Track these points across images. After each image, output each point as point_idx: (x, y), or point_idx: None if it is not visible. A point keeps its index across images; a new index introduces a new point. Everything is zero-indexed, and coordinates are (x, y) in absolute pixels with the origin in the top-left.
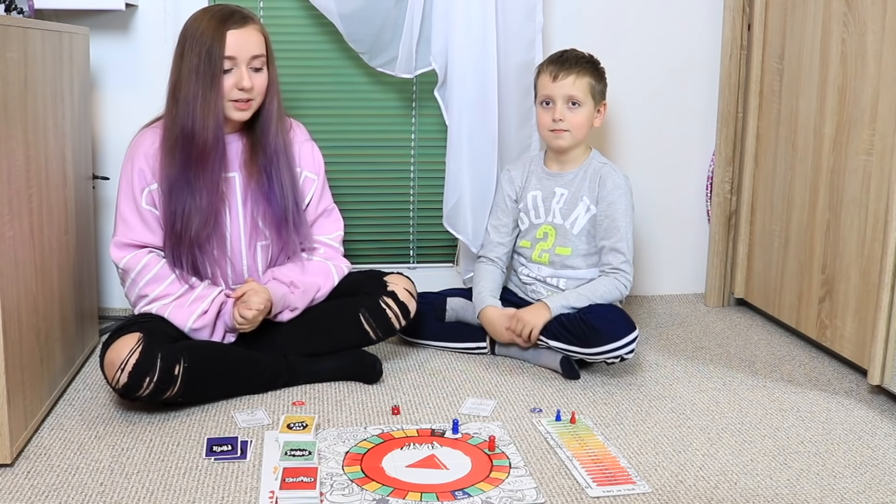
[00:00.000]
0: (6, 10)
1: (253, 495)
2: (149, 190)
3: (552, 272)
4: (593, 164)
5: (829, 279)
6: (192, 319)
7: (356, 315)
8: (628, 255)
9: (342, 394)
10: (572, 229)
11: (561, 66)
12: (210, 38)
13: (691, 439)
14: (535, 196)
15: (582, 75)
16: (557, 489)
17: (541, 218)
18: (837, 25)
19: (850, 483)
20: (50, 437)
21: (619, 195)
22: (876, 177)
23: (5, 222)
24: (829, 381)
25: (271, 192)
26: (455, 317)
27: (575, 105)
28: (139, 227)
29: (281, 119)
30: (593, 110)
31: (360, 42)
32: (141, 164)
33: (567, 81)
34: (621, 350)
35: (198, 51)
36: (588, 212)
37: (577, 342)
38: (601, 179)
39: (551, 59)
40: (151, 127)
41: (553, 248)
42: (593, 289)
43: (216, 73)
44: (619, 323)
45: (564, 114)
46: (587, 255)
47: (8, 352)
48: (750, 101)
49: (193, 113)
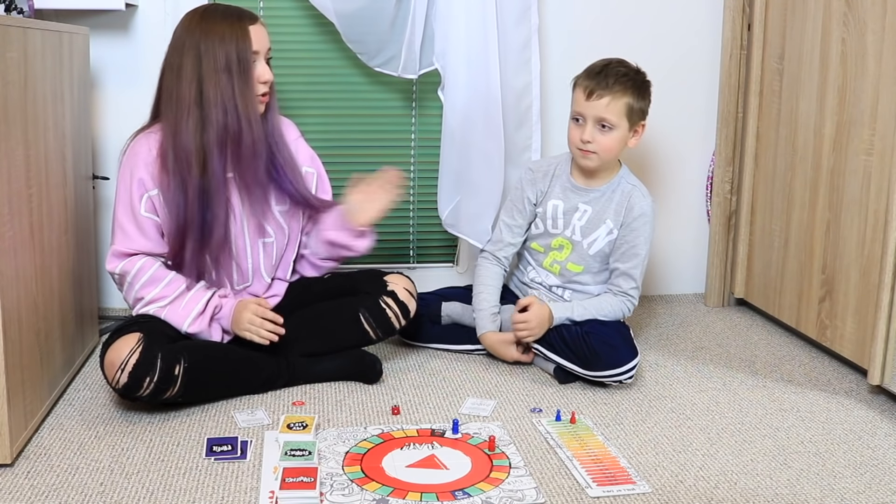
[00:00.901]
0: (6, 10)
1: (253, 495)
2: (148, 196)
3: (560, 283)
4: (622, 185)
5: (829, 279)
6: (187, 322)
7: (356, 315)
8: (639, 282)
9: (342, 394)
10: (589, 249)
11: (598, 83)
12: (234, 35)
13: (691, 439)
14: (556, 206)
15: (619, 97)
16: (557, 489)
17: (558, 229)
18: (837, 25)
19: (850, 483)
20: (50, 437)
21: (643, 223)
22: (876, 177)
23: (5, 222)
24: (829, 381)
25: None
26: (451, 321)
27: (606, 128)
28: (137, 236)
29: (277, 113)
30: (628, 132)
31: (359, 42)
32: (140, 172)
33: (601, 103)
34: (621, 376)
35: (224, 50)
36: (609, 235)
37: (576, 361)
38: (629, 205)
39: (589, 73)
40: (145, 133)
41: (566, 262)
42: (599, 306)
43: (248, 68)
44: (622, 349)
45: (595, 135)
46: (598, 273)
47: (8, 352)
48: (750, 101)
49: (236, 111)
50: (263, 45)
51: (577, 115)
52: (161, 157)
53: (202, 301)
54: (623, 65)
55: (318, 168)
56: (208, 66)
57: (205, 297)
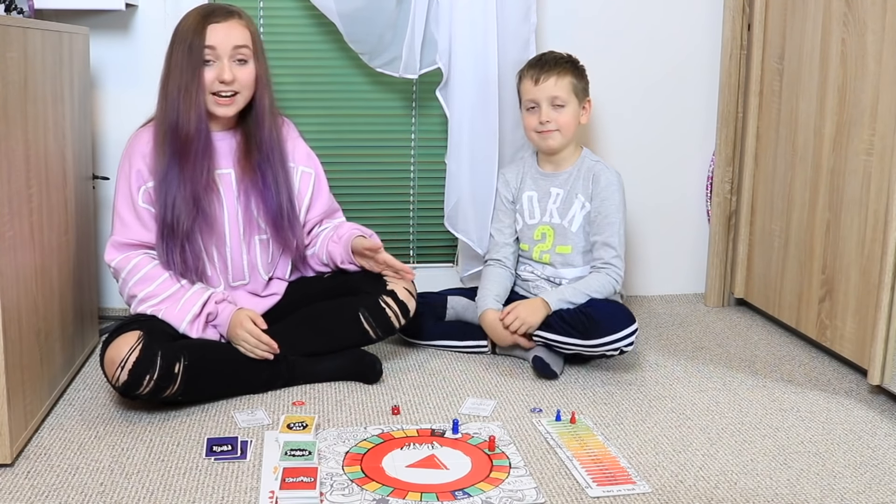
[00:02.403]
0: (6, 10)
1: (253, 495)
2: (145, 188)
3: (554, 272)
4: (586, 163)
5: (829, 279)
6: (184, 323)
7: (356, 314)
8: (619, 250)
9: (342, 394)
10: (571, 227)
11: (541, 69)
12: (192, 31)
13: (691, 439)
14: (530, 197)
15: (563, 75)
16: (557, 489)
17: (535, 218)
18: (837, 25)
19: (850, 483)
20: (50, 437)
21: (611, 192)
22: (876, 177)
23: (5, 222)
24: (829, 381)
25: (266, 188)
26: (455, 316)
27: (560, 106)
28: (136, 226)
29: (273, 115)
30: (578, 108)
31: (361, 42)
32: (138, 163)
33: (549, 83)
34: (620, 343)
35: (181, 46)
36: (583, 209)
37: (576, 334)
38: (594, 177)
39: (531, 64)
40: (147, 126)
41: (553, 248)
42: (587, 285)
43: (197, 64)
44: (620, 316)
45: (551, 115)
46: (585, 253)
47: (8, 352)
48: (750, 101)
49: (178, 106)
50: (225, 43)
51: (531, 102)
52: (153, 145)
53: (198, 304)
54: (555, 53)
55: (315, 168)
56: (172, 60)
57: (200, 301)
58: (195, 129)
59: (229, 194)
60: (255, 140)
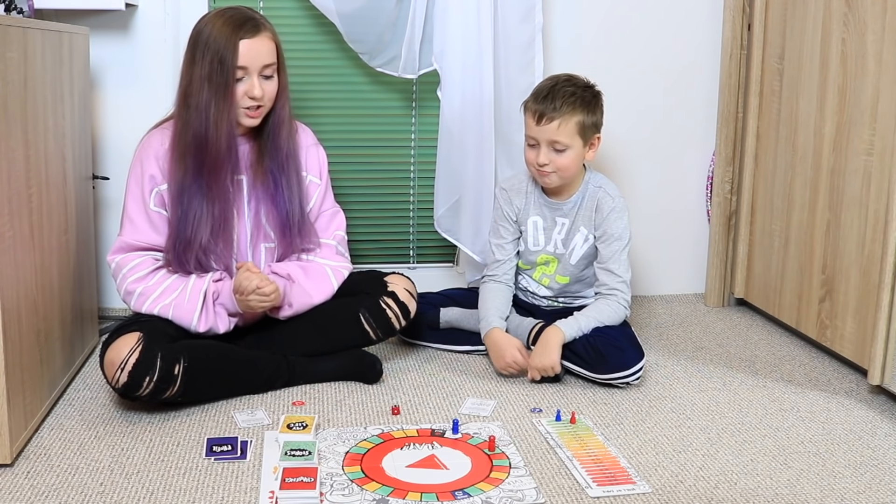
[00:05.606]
0: (6, 10)
1: (253, 495)
2: (158, 191)
3: (551, 295)
4: (590, 190)
5: (829, 279)
6: (195, 320)
7: (356, 315)
8: (625, 276)
9: (342, 394)
10: (570, 259)
11: (546, 107)
12: (223, 46)
13: (691, 439)
14: (535, 222)
15: (569, 118)
16: (557, 489)
17: (539, 246)
18: (837, 25)
19: (850, 483)
20: (50, 437)
21: (614, 219)
22: (876, 177)
23: (5, 222)
24: (829, 381)
25: (278, 195)
26: (450, 327)
27: (560, 150)
28: (146, 228)
29: (290, 123)
30: (583, 149)
31: (360, 42)
32: (151, 165)
33: (551, 126)
34: (628, 378)
35: (210, 58)
36: (586, 241)
37: (583, 364)
38: (598, 206)
39: (536, 97)
40: (160, 128)
41: (554, 276)
42: (598, 312)
43: (229, 82)
44: (628, 351)
45: (550, 157)
46: (580, 283)
47: (8, 352)
48: (750, 101)
49: (206, 121)
50: (256, 61)
51: (530, 139)
52: (171, 151)
53: (200, 294)
54: (570, 83)
55: (322, 178)
56: (198, 71)
57: (201, 290)
58: (226, 145)
59: (242, 201)
60: (270, 147)
